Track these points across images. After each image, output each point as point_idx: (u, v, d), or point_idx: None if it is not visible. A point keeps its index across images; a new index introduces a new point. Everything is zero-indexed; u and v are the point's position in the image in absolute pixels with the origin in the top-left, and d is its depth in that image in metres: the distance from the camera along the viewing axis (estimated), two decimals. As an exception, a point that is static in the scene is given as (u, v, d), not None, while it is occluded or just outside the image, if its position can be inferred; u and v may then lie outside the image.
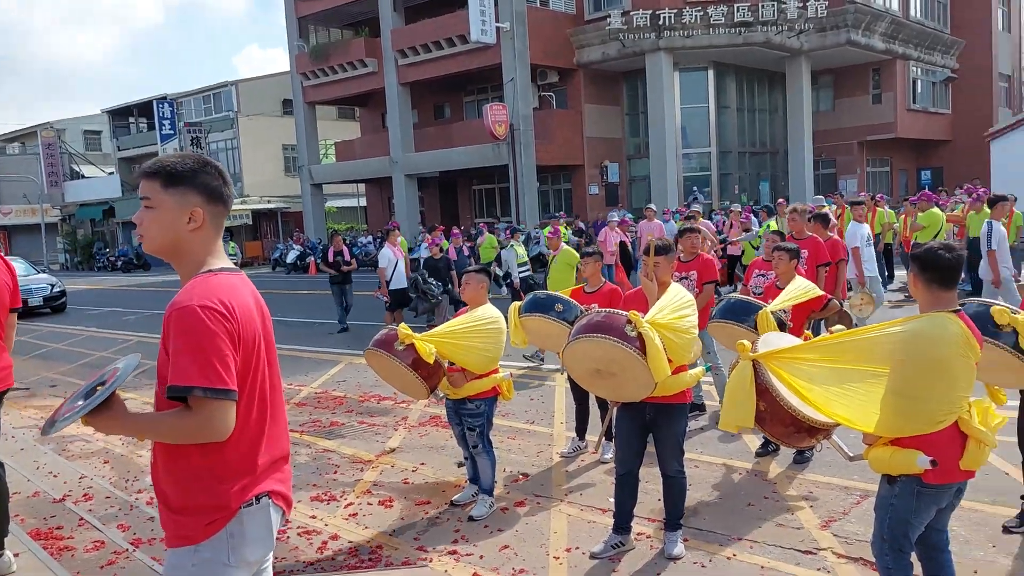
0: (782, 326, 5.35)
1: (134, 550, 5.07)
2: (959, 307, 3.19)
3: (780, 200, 18.22)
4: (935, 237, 11.82)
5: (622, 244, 15.19)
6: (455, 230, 15.60)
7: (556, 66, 27.68)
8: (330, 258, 14.18)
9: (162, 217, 2.30)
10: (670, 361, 4.24)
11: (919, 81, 32.43)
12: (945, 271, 3.11)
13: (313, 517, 5.51)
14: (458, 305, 12.77)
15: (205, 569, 2.25)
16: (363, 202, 39.80)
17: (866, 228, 10.39)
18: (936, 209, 13.30)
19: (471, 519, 5.27)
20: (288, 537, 5.16)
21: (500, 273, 14.54)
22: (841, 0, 27.11)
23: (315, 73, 32.74)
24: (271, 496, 2.34)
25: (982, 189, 15.49)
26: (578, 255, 10.13)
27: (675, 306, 4.30)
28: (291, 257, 31.26)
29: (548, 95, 28.76)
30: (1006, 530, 4.57)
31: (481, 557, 4.72)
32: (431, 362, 5.01)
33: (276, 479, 2.38)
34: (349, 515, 5.52)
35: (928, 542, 3.35)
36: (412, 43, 28.59)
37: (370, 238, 30.76)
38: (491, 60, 26.64)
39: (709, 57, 27.21)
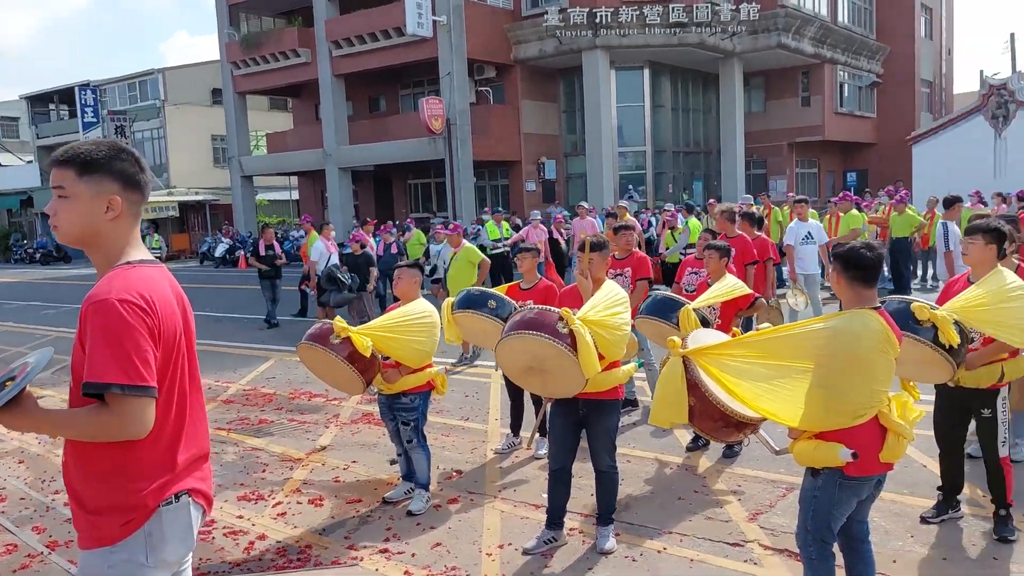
0: (705, 323, 5.43)
1: (50, 553, 4.87)
2: (879, 304, 3.28)
3: (711, 200, 18.58)
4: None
5: (554, 241, 15.24)
6: (386, 225, 15.26)
7: (493, 61, 27.63)
8: (261, 252, 13.88)
9: (78, 207, 2.20)
10: (602, 358, 4.27)
11: (846, 85, 33.42)
12: (867, 269, 3.19)
13: (240, 517, 5.38)
14: (384, 302, 12.73)
15: (122, 570, 2.17)
16: (296, 195, 39.11)
17: (805, 227, 10.55)
18: (855, 210, 13.72)
19: (409, 514, 5.24)
20: (213, 537, 5.02)
21: (427, 269, 14.42)
22: (772, 4, 27.76)
23: (246, 62, 31.98)
24: (191, 494, 2.27)
25: (904, 191, 16.06)
26: (481, 253, 10.21)
27: (607, 303, 4.33)
28: (220, 251, 30.50)
29: (485, 90, 28.71)
30: (923, 520, 4.73)
31: (413, 555, 4.68)
32: (368, 356, 4.96)
33: (196, 477, 2.31)
34: (277, 514, 5.40)
35: (850, 533, 3.45)
36: (347, 34, 28.18)
37: (303, 232, 30.23)
38: (428, 53, 26.46)
39: (645, 56, 27.54)
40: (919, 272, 15.02)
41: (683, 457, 6.16)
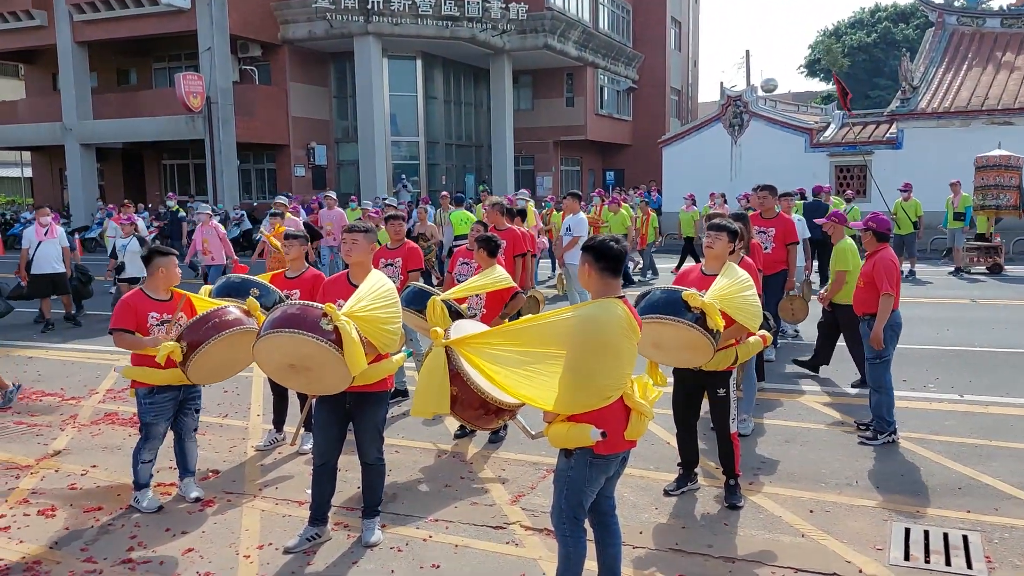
0: (458, 315, 5.44)
1: None
2: (623, 294, 3.48)
3: (484, 191, 19.04)
4: None
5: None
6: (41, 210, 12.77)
7: (259, 39, 26.34)
8: None
9: None
10: (372, 351, 4.18)
11: (606, 88, 35.53)
12: (615, 260, 3.39)
13: (-49, 536, 4.72)
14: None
15: None
16: (28, 172, 35.00)
17: (567, 220, 11.01)
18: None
19: (197, 500, 5.13)
20: (-84, 562, 4.36)
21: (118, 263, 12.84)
22: (540, 5, 28.86)
23: (-33, 20, 28.11)
24: None
25: (616, 194, 17.66)
26: None
27: (374, 296, 4.22)
28: (-67, 233, 26.61)
29: (250, 69, 27.29)
30: (666, 493, 5.14)
31: (161, 563, 4.35)
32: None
33: None
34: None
35: (599, 508, 3.65)
36: (92, -2, 25.62)
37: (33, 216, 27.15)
38: (185, 26, 24.71)
39: (418, 47, 27.56)
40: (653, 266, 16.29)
41: (451, 445, 6.23)
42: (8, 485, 5.52)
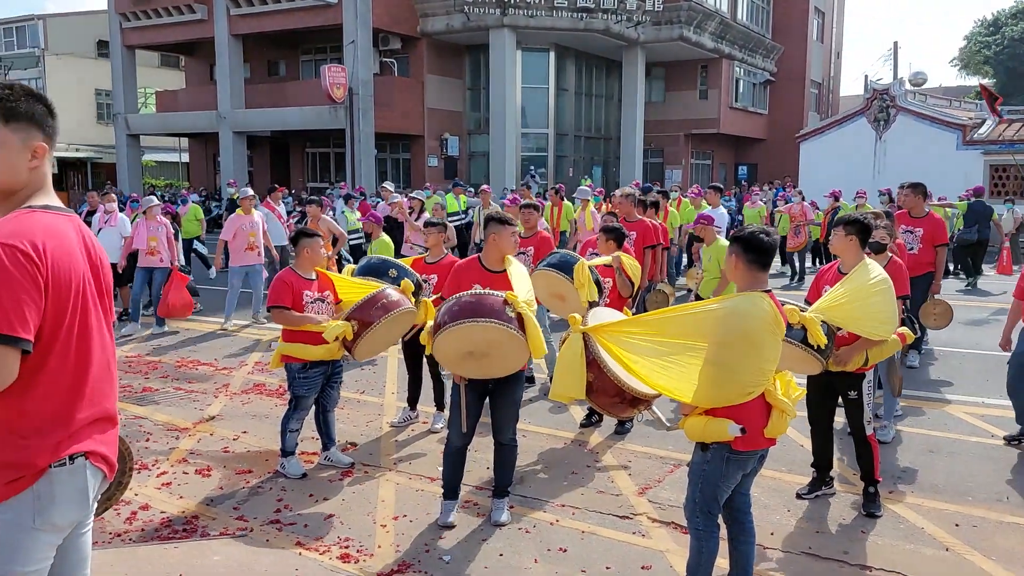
0: (599, 285, 5.58)
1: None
2: (769, 288, 3.42)
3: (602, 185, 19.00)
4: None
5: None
6: (107, 196, 12.06)
7: (399, 32, 27.16)
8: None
9: (7, 156, 2.08)
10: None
11: (741, 81, 34.52)
12: (765, 253, 3.33)
13: (122, 487, 5.16)
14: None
15: (6, 532, 2.04)
16: (185, 157, 37.49)
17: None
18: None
19: (352, 465, 5.50)
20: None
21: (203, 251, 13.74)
22: (676, -4, 28.39)
23: (136, 15, 30.33)
24: (89, 457, 2.16)
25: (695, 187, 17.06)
26: None
27: (524, 281, 4.47)
28: (102, 212, 28.89)
29: (390, 61, 28.19)
30: (799, 496, 5.02)
31: (305, 526, 4.62)
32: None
33: (98, 440, 2.19)
34: (162, 484, 5.23)
35: (733, 505, 3.61)
36: (247, -8, 27.13)
37: (196, 197, 29.05)
38: (332, 19, 25.76)
39: (551, 39, 27.66)
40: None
41: (576, 433, 6.29)
42: (169, 445, 5.99)
